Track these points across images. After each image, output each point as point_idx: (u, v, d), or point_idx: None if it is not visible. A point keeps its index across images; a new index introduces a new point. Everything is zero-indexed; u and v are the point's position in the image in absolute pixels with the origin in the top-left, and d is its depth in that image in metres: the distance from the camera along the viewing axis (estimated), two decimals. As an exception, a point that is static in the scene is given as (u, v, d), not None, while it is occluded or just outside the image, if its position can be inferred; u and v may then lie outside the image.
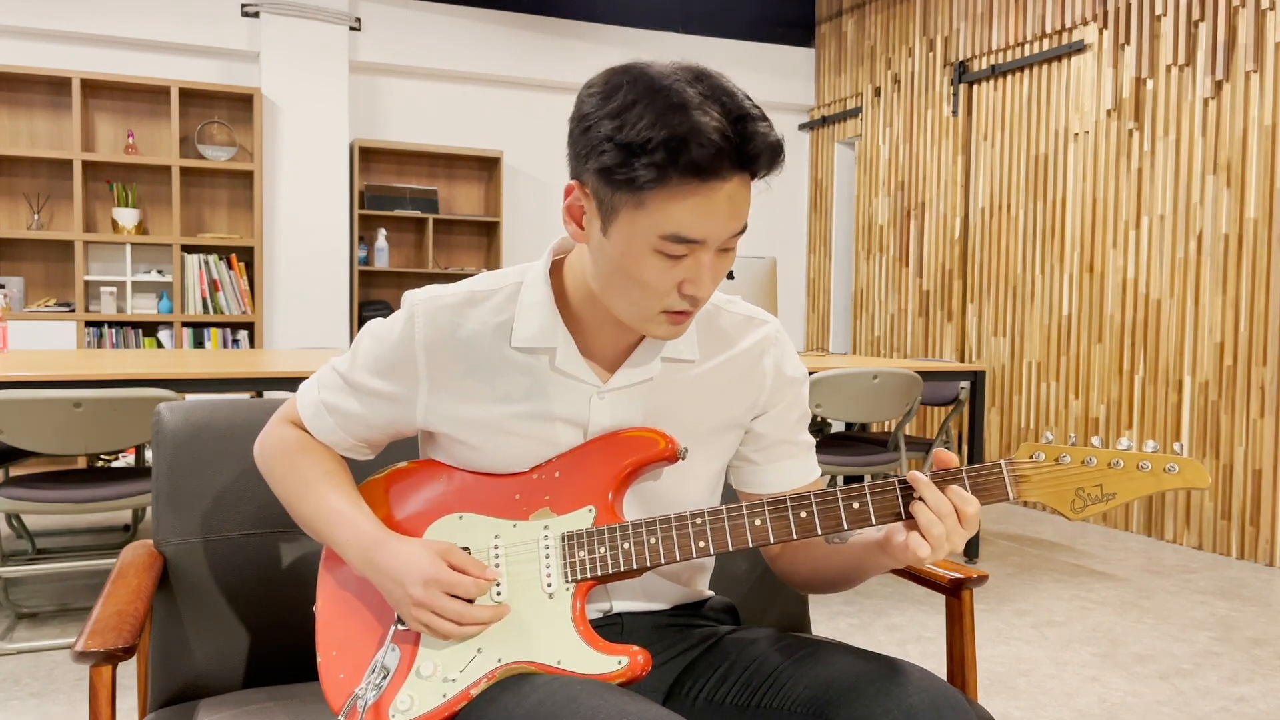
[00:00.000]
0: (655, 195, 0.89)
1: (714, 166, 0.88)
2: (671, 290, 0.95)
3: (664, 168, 0.87)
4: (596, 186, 0.93)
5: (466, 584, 0.99)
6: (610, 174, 0.90)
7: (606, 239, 0.95)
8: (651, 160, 0.87)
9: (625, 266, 0.94)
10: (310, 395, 1.14)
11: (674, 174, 0.88)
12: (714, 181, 0.89)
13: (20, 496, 2.64)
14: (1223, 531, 4.13)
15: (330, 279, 5.63)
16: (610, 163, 0.89)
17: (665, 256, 0.93)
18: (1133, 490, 0.96)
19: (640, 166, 0.88)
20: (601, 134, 0.90)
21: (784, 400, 1.15)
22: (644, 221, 0.91)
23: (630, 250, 0.93)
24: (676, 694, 1.11)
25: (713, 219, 0.91)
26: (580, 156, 0.94)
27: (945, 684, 0.98)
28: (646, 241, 0.92)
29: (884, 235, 6.18)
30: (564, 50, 6.16)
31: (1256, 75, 3.98)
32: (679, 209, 0.90)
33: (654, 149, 0.87)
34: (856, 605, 3.26)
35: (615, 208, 0.92)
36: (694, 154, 0.87)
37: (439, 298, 1.07)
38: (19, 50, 5.16)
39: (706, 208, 0.90)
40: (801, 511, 0.99)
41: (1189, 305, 4.27)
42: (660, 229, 0.91)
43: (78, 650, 1.01)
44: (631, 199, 0.90)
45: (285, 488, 1.12)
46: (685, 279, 0.95)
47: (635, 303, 0.97)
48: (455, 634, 0.99)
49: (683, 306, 0.97)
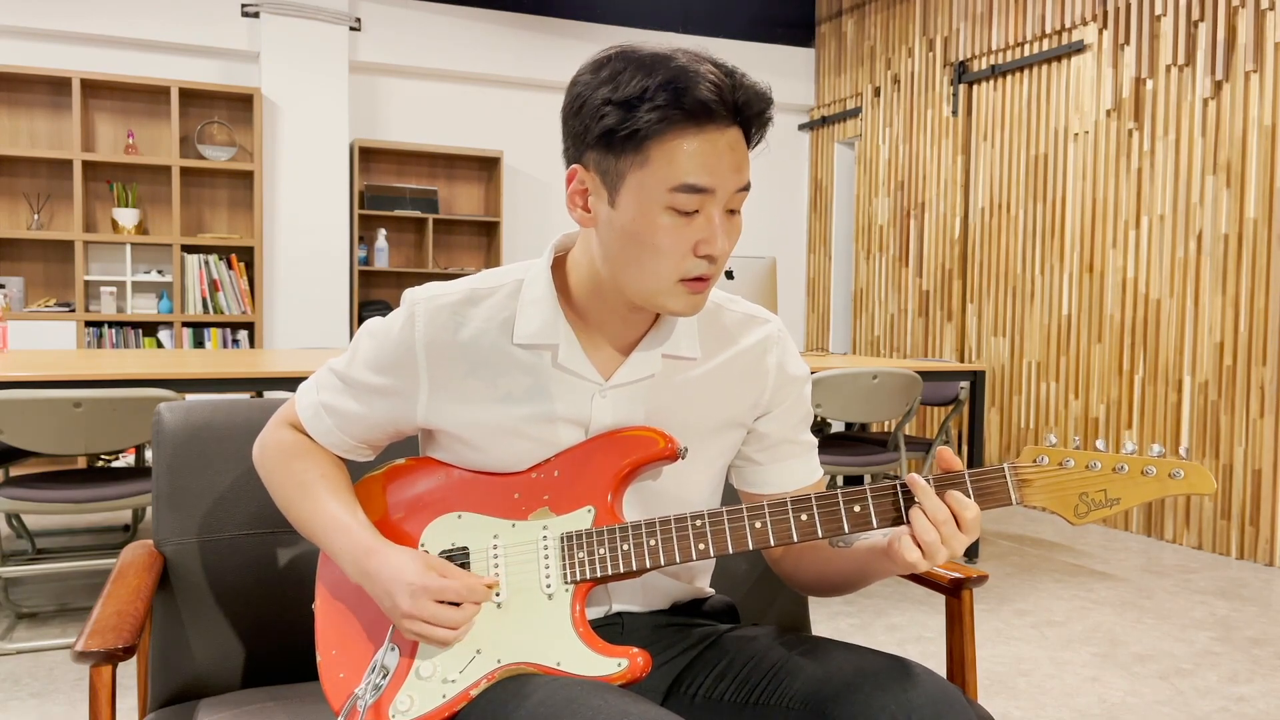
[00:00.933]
0: (659, 147, 0.91)
1: (713, 109, 0.91)
2: (687, 253, 0.95)
3: (665, 109, 0.90)
4: (599, 159, 0.94)
5: (454, 588, 0.98)
6: (613, 135, 0.91)
7: (615, 210, 0.95)
8: (653, 104, 0.90)
9: (638, 233, 0.94)
10: (309, 397, 1.14)
11: (677, 116, 0.90)
12: (713, 128, 0.92)
13: (20, 496, 2.64)
14: (1223, 531, 4.13)
15: (330, 279, 5.63)
16: (612, 123, 0.91)
17: (677, 214, 0.93)
18: (1137, 496, 0.95)
19: (643, 113, 0.90)
20: (598, 100, 0.92)
21: (787, 399, 1.15)
22: (651, 179, 0.92)
23: (641, 213, 0.93)
24: (675, 692, 1.10)
25: (718, 164, 0.92)
26: (579, 136, 0.95)
27: (945, 681, 0.97)
28: (656, 199, 0.93)
29: (884, 235, 6.18)
30: (564, 50, 6.16)
31: (1256, 75, 3.98)
32: (684, 157, 0.91)
33: (654, 93, 0.90)
34: (856, 605, 3.26)
35: (621, 173, 0.93)
36: (694, 94, 0.89)
37: (439, 296, 1.06)
38: (19, 50, 5.16)
39: (710, 153, 0.92)
40: (802, 514, 0.99)
41: (1189, 305, 4.27)
42: (669, 181, 0.92)
43: (78, 650, 1.01)
44: (636, 159, 0.92)
45: (283, 492, 1.12)
46: (699, 239, 0.95)
47: (651, 273, 0.96)
48: (449, 640, 0.99)
49: (699, 270, 0.96)
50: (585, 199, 0.98)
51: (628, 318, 1.05)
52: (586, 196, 0.98)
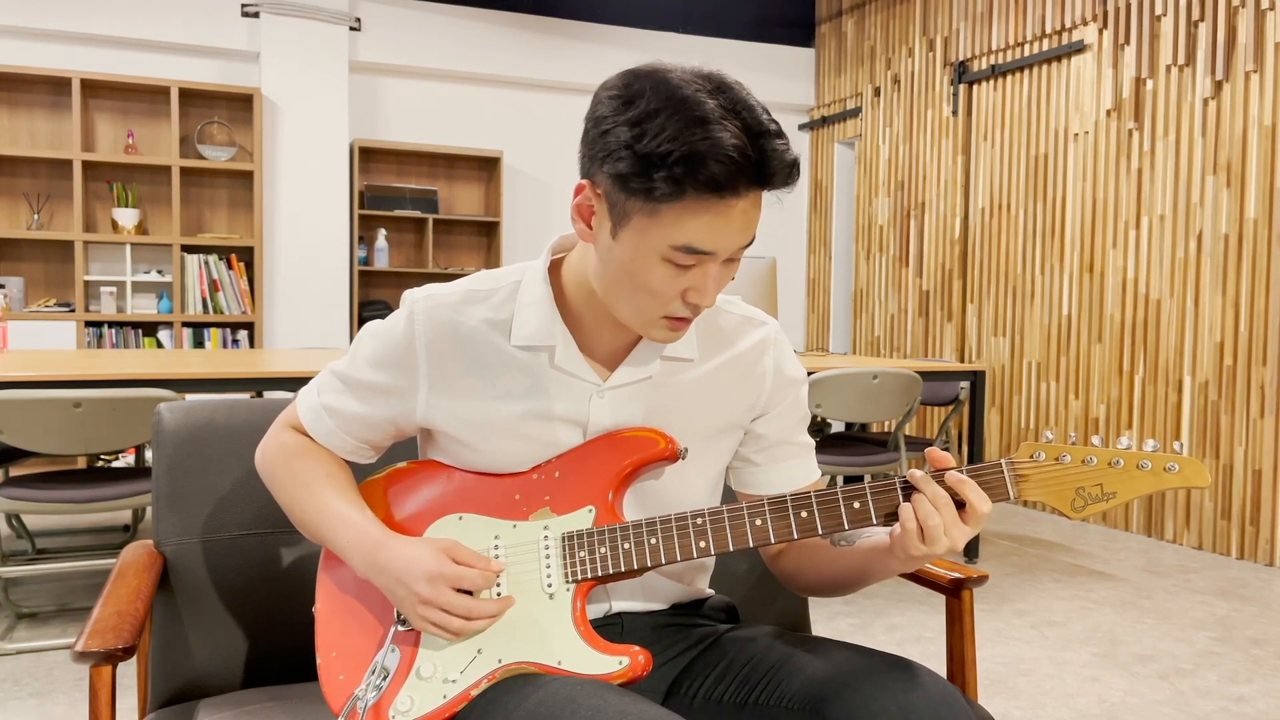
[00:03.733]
0: (670, 208, 0.90)
1: (731, 184, 0.88)
2: (675, 297, 0.96)
3: (681, 182, 0.87)
4: (609, 190, 0.93)
5: (472, 575, 0.99)
6: (626, 181, 0.90)
7: (615, 242, 0.95)
8: (670, 174, 0.87)
9: (632, 271, 0.95)
10: (310, 399, 1.14)
11: (690, 189, 0.88)
12: (730, 198, 0.90)
13: (20, 496, 2.64)
14: (1223, 531, 4.13)
15: (330, 279, 5.63)
16: (626, 170, 0.90)
17: (673, 265, 0.93)
18: (1133, 489, 0.96)
19: (658, 179, 0.88)
20: (619, 140, 0.90)
21: (784, 401, 1.15)
22: (656, 231, 0.91)
23: (639, 257, 0.93)
24: (675, 693, 1.11)
25: (725, 233, 0.92)
26: (595, 158, 0.94)
27: (944, 681, 0.98)
28: (656, 250, 0.92)
29: (884, 235, 6.18)
30: (564, 50, 6.16)
31: (1256, 75, 3.98)
32: (693, 223, 0.90)
33: (673, 164, 0.87)
34: (856, 605, 3.26)
35: (627, 213, 0.92)
36: (712, 170, 0.87)
37: (438, 295, 1.07)
38: (19, 50, 5.16)
39: (720, 222, 0.91)
40: (802, 511, 0.99)
41: (1189, 305, 4.27)
42: (672, 240, 0.91)
43: (78, 650, 1.01)
44: (645, 207, 0.91)
45: (286, 493, 1.12)
46: (690, 287, 0.95)
47: (638, 307, 0.97)
48: (465, 630, 0.99)
49: (684, 314, 0.97)
50: (589, 216, 0.97)
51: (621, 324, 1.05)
52: (591, 214, 0.97)
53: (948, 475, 0.96)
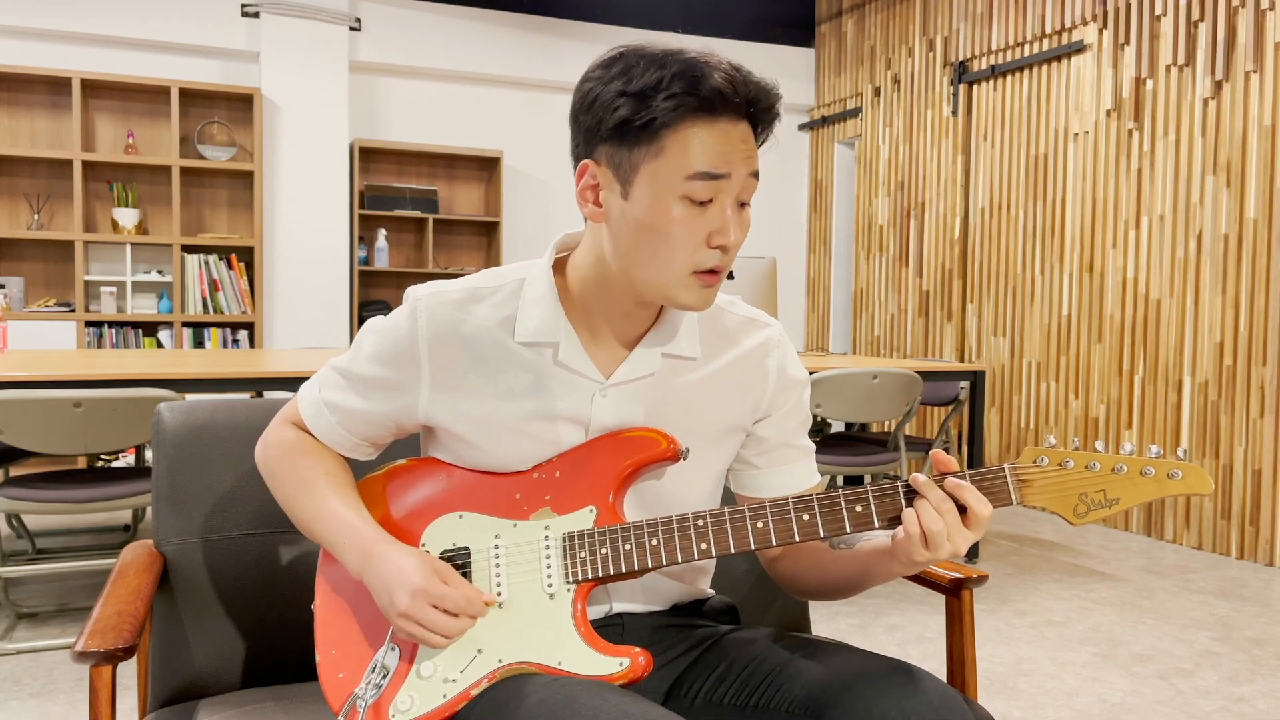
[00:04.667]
0: (673, 135, 0.92)
1: (725, 100, 0.92)
2: (700, 243, 0.96)
3: (680, 97, 0.91)
4: (612, 152, 0.95)
5: (454, 597, 0.98)
6: (627, 126, 0.93)
7: (628, 202, 0.96)
8: (669, 93, 0.91)
9: (652, 223, 0.95)
10: (311, 395, 1.14)
11: (691, 104, 0.92)
12: (725, 119, 0.93)
13: (20, 496, 2.63)
14: (1223, 531, 4.13)
15: (330, 279, 5.63)
16: (626, 113, 0.92)
17: (691, 204, 0.94)
18: (1136, 496, 0.96)
19: (658, 102, 0.91)
20: (611, 93, 0.94)
21: (787, 403, 1.15)
22: (665, 169, 0.93)
23: (655, 203, 0.94)
24: (675, 694, 1.10)
25: (731, 152, 0.94)
26: (590, 131, 0.96)
27: (944, 685, 0.97)
28: (671, 188, 0.94)
29: (884, 235, 6.18)
30: (564, 50, 6.16)
31: (1256, 75, 3.98)
32: (698, 145, 0.93)
33: (669, 83, 0.91)
34: (856, 605, 3.26)
35: (635, 165, 0.94)
36: (708, 84, 0.91)
37: (441, 293, 1.07)
38: (19, 50, 5.16)
39: (723, 141, 0.93)
40: (804, 514, 0.99)
41: (1189, 305, 4.27)
42: (684, 169, 0.93)
43: (78, 650, 1.01)
44: (651, 149, 0.93)
45: (285, 489, 1.12)
46: (713, 229, 0.96)
47: (665, 263, 0.97)
48: (440, 645, 0.99)
49: (712, 262, 0.97)
50: (596, 194, 0.98)
51: (630, 315, 1.05)
52: (598, 191, 0.98)
53: (947, 481, 0.96)
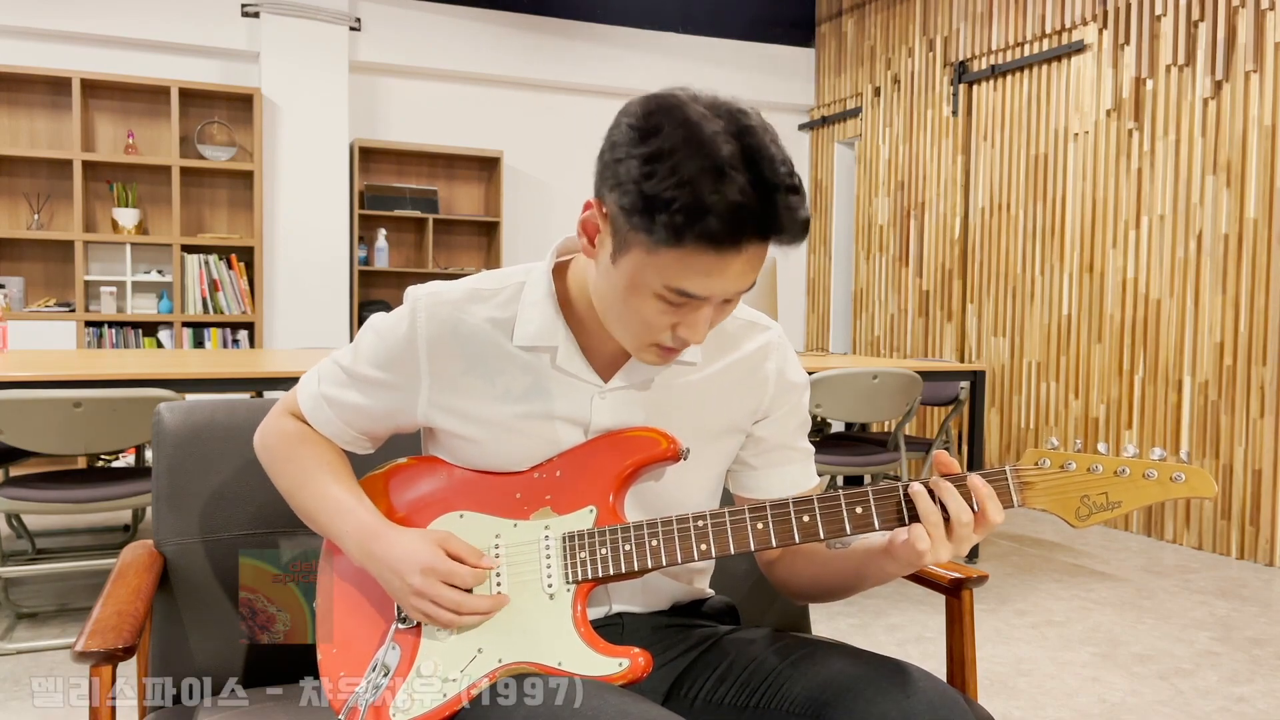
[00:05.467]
0: (669, 253, 0.89)
1: (732, 239, 0.87)
2: (666, 330, 0.96)
3: (680, 231, 0.86)
4: (615, 215, 0.92)
5: (464, 573, 0.99)
6: (629, 216, 0.89)
7: (614, 267, 0.94)
8: (670, 221, 0.86)
9: (626, 298, 0.94)
10: (310, 388, 1.14)
11: (689, 240, 0.87)
12: (729, 253, 0.88)
13: (20, 496, 2.63)
14: (1223, 531, 4.13)
15: (330, 279, 5.63)
16: (630, 206, 0.89)
17: (666, 302, 0.93)
18: (1138, 499, 0.95)
19: (659, 223, 0.87)
20: (629, 174, 0.89)
21: (786, 405, 1.15)
22: (652, 269, 0.91)
23: (634, 287, 0.93)
24: (675, 695, 1.11)
25: (722, 282, 0.91)
26: (605, 180, 0.92)
27: (945, 685, 0.98)
28: (650, 286, 0.92)
29: (884, 235, 6.18)
30: (564, 50, 6.15)
31: (1256, 75, 3.98)
32: (688, 271, 0.90)
33: (675, 211, 0.86)
34: (856, 605, 3.26)
35: (629, 244, 0.92)
36: (712, 226, 0.86)
37: (441, 293, 1.07)
38: (19, 50, 5.15)
39: (717, 273, 0.90)
40: (804, 515, 0.99)
41: (1189, 305, 4.27)
42: (667, 281, 0.91)
43: (78, 650, 1.01)
44: (645, 244, 0.90)
45: (286, 479, 1.13)
46: (681, 323, 0.95)
47: (629, 331, 0.97)
48: (454, 623, 1.00)
49: (673, 344, 0.97)
50: (594, 234, 0.97)
51: None
52: (595, 232, 0.96)
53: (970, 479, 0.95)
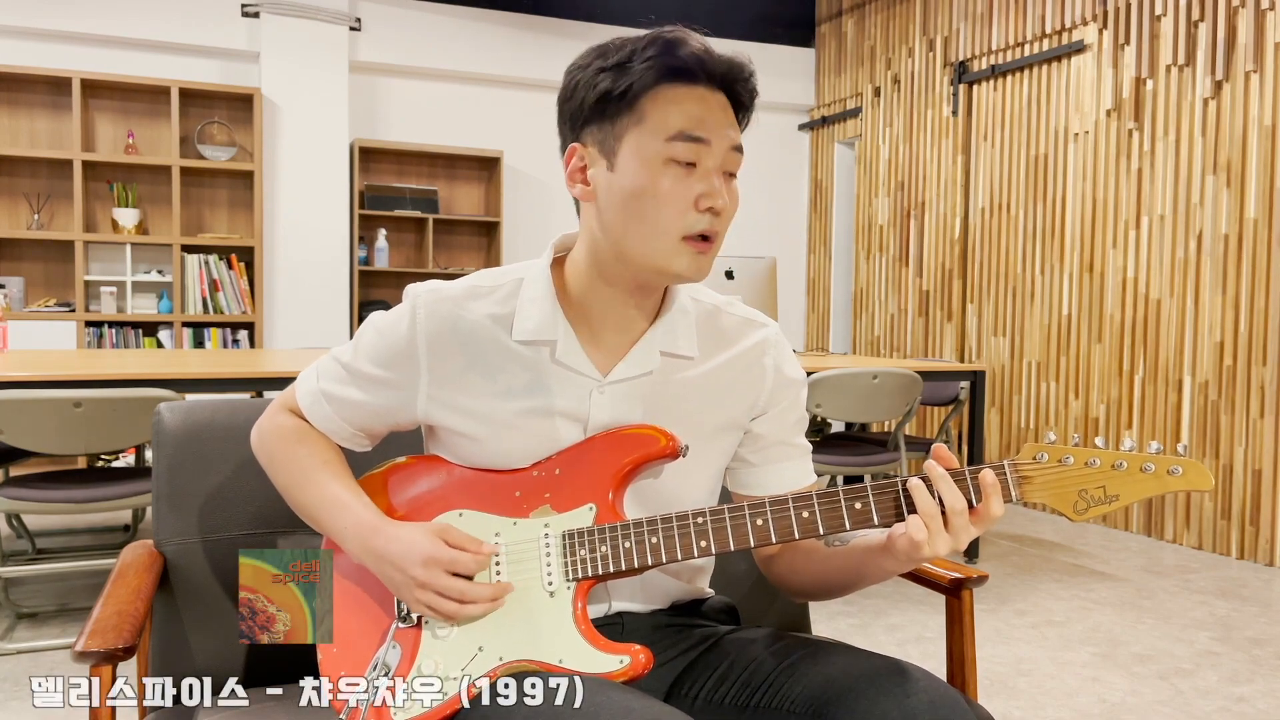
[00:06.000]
0: (652, 100, 0.97)
1: (700, 66, 0.97)
2: (689, 206, 0.98)
3: (656, 60, 0.96)
4: (596, 130, 0.99)
5: (466, 560, 0.99)
6: (608, 98, 0.97)
7: (615, 173, 0.99)
8: (645, 57, 0.96)
9: (639, 189, 0.97)
10: (309, 384, 1.14)
11: (666, 66, 0.96)
12: (703, 87, 0.98)
13: (20, 496, 2.63)
14: (1223, 531, 4.13)
15: (330, 279, 5.63)
16: (606, 85, 0.97)
17: (676, 165, 0.97)
18: (1136, 492, 0.96)
19: (636, 71, 0.96)
20: (590, 72, 0.99)
21: (783, 401, 1.15)
22: (647, 133, 0.97)
23: (642, 169, 0.97)
24: (676, 694, 1.11)
25: (709, 116, 0.98)
26: (575, 114, 1.01)
27: (945, 684, 0.98)
28: (655, 152, 0.97)
29: (884, 235, 6.18)
30: (564, 50, 6.12)
31: (1256, 75, 3.98)
32: (677, 108, 0.97)
33: (644, 49, 0.97)
34: (856, 605, 3.26)
35: (618, 135, 0.98)
36: (681, 51, 0.97)
37: (441, 290, 1.07)
38: (19, 50, 5.15)
39: (701, 106, 0.98)
40: (804, 511, 0.99)
41: (1189, 305, 4.27)
42: (665, 131, 0.96)
43: (78, 650, 1.01)
44: (632, 117, 0.97)
45: (284, 476, 1.13)
46: (700, 192, 0.98)
47: (655, 230, 0.98)
48: (459, 614, 0.99)
49: (702, 226, 0.99)
50: (584, 174, 1.02)
51: (628, 311, 1.06)
52: (585, 171, 1.01)
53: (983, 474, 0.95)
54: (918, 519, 0.94)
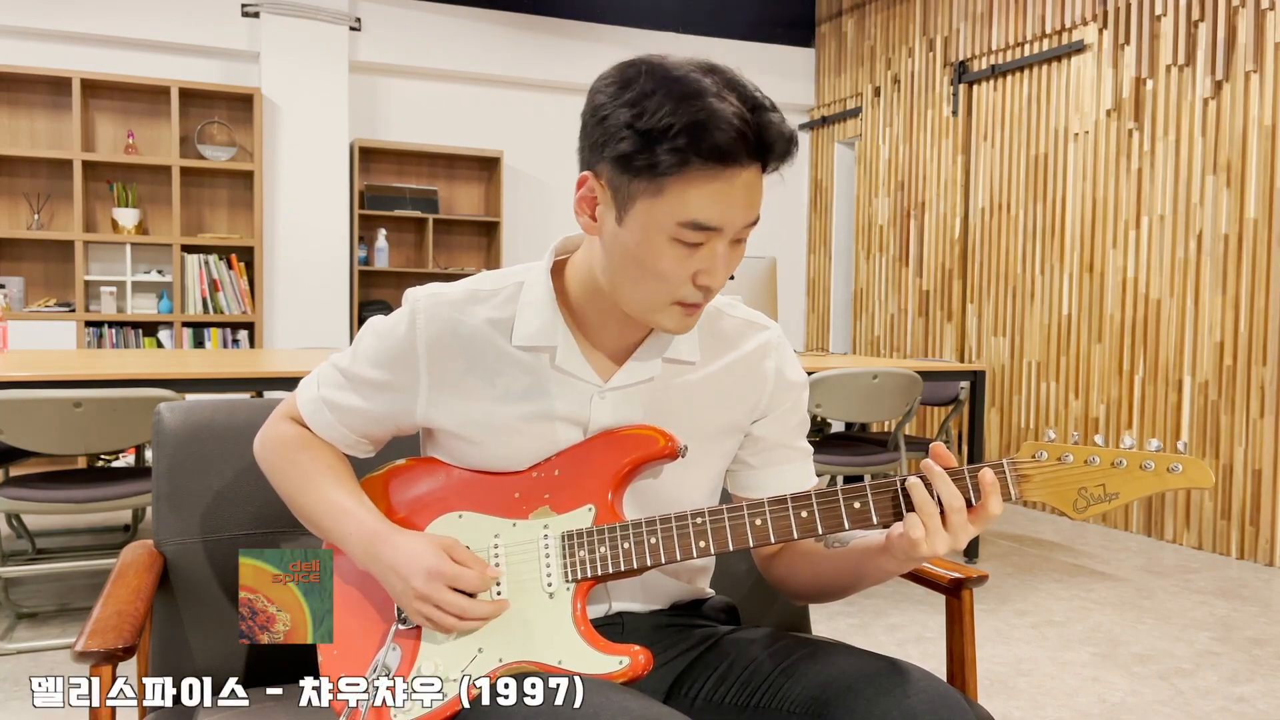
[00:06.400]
0: (674, 182, 0.90)
1: (734, 153, 0.89)
2: (686, 280, 0.96)
3: (685, 152, 0.88)
4: (612, 176, 0.93)
5: (469, 577, 0.99)
6: (630, 161, 0.90)
7: (621, 229, 0.95)
8: (673, 145, 0.88)
9: (640, 256, 0.95)
10: (310, 392, 1.14)
11: (695, 159, 0.89)
12: (732, 169, 0.90)
13: (20, 496, 2.63)
14: (1223, 531, 4.13)
15: (330, 279, 5.63)
16: (629, 150, 0.90)
17: (681, 245, 0.93)
18: (1136, 490, 0.95)
19: (662, 152, 0.89)
20: (620, 122, 0.91)
21: (784, 404, 1.15)
22: (662, 209, 0.92)
23: (647, 239, 0.94)
24: (676, 694, 1.10)
25: (731, 206, 0.92)
26: (595, 147, 0.94)
27: (945, 684, 0.98)
28: (664, 230, 0.93)
29: (884, 235, 6.18)
30: (564, 50, 6.15)
31: (1256, 75, 3.98)
32: (698, 196, 0.91)
33: (675, 134, 0.88)
34: (856, 605, 3.26)
35: (632, 196, 0.93)
36: (715, 139, 0.88)
37: (440, 294, 1.07)
38: (19, 50, 5.15)
39: (725, 195, 0.91)
40: (802, 511, 0.99)
41: (1189, 305, 4.27)
42: (679, 216, 0.92)
43: (78, 650, 1.01)
44: (650, 186, 0.91)
45: (287, 483, 1.12)
46: (700, 269, 0.95)
47: (648, 293, 0.97)
48: (456, 628, 1.00)
49: (695, 298, 0.97)
50: (593, 208, 0.98)
51: (626, 322, 1.05)
52: (595, 206, 0.97)
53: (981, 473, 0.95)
54: (915, 517, 0.94)
